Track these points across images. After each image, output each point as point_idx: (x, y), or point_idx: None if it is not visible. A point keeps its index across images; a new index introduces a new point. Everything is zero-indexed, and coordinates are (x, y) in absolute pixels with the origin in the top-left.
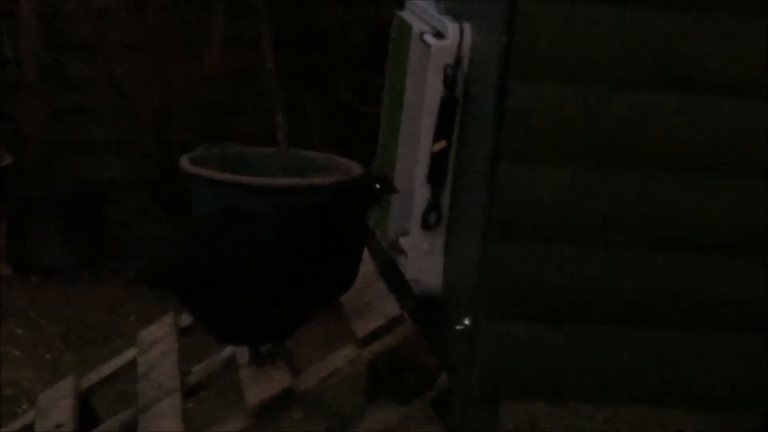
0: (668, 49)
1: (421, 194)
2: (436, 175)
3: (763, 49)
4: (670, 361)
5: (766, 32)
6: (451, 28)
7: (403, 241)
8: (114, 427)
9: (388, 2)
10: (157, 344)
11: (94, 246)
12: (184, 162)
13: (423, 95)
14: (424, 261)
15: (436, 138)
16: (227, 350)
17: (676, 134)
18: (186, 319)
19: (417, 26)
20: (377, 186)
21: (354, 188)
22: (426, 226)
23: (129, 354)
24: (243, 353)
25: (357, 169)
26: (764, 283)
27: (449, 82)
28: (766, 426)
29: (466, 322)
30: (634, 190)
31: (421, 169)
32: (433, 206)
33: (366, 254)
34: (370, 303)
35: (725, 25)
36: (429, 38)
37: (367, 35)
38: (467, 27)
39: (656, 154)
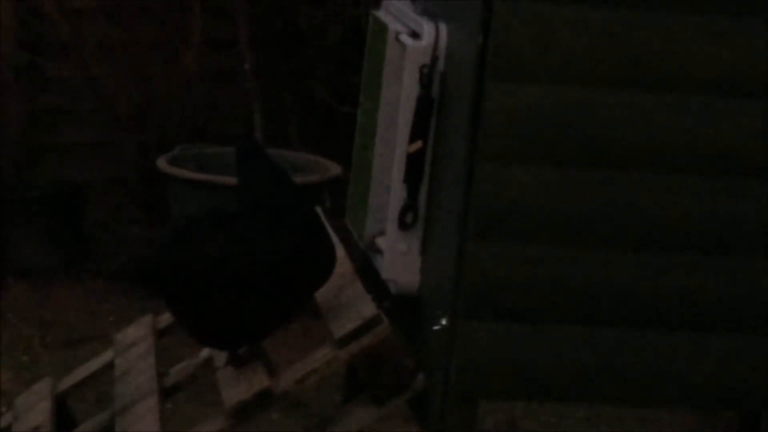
0: (644, 49)
1: (397, 194)
2: (412, 175)
3: (740, 48)
4: (649, 360)
5: (743, 31)
6: (427, 28)
7: (380, 241)
8: (91, 430)
9: (366, 2)
10: (135, 346)
11: (72, 247)
12: (162, 163)
13: (399, 95)
14: (401, 261)
15: (413, 138)
16: (205, 351)
17: (653, 134)
18: (164, 320)
19: (393, 26)
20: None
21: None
22: (403, 226)
23: (106, 356)
24: (220, 355)
25: (334, 168)
26: (744, 282)
27: (425, 82)
28: (743, 425)
29: (443, 321)
30: (611, 189)
31: (398, 170)
32: (409, 206)
33: (343, 254)
34: (347, 303)
35: (702, 24)
36: (405, 38)
37: (345, 35)
38: (443, 27)
39: (633, 153)
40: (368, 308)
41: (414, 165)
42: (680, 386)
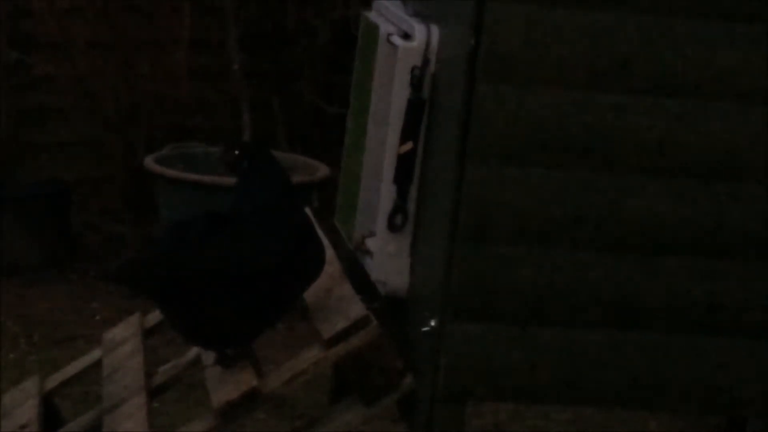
0: (635, 52)
1: (387, 196)
2: (402, 177)
3: (730, 51)
4: (635, 363)
5: (735, 36)
6: (419, 29)
7: (370, 243)
8: (79, 428)
9: (355, 3)
10: (123, 345)
11: (60, 246)
12: (150, 162)
13: (390, 96)
14: (390, 262)
15: (403, 139)
16: (193, 351)
17: (643, 136)
18: (151, 320)
19: (384, 27)
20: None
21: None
22: (392, 227)
23: (94, 354)
24: (208, 354)
25: (322, 169)
26: (732, 286)
27: (416, 83)
28: (729, 427)
29: (432, 323)
30: (601, 191)
31: (388, 171)
32: (399, 208)
33: (332, 255)
34: (336, 304)
35: (691, 28)
36: (396, 39)
37: (334, 36)
38: (434, 28)
39: (623, 155)
40: (357, 309)
41: (404, 166)
42: (666, 389)
